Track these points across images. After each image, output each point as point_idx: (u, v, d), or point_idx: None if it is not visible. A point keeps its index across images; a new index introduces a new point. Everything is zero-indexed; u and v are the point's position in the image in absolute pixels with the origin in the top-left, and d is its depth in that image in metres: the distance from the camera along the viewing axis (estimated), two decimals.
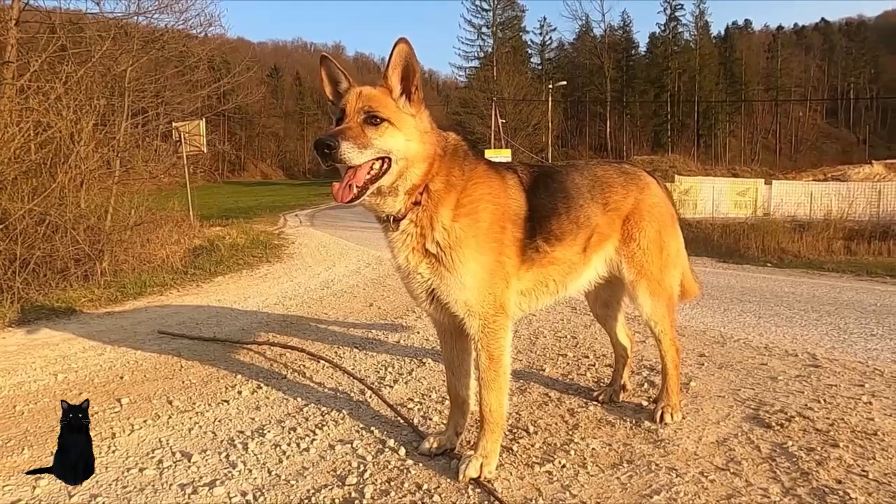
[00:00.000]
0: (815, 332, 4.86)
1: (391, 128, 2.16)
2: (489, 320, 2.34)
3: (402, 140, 2.18)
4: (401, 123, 2.20)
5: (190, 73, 14.40)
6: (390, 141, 2.16)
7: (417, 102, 2.27)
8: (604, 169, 2.81)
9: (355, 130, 2.13)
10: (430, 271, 2.32)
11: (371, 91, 2.24)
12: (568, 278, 2.64)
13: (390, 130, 2.16)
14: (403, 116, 2.22)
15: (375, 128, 2.15)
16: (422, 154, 2.24)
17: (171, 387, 3.74)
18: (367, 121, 2.16)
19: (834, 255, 12.80)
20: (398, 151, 2.18)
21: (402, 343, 4.73)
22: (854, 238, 14.69)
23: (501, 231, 2.35)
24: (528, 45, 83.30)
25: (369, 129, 2.14)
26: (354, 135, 2.11)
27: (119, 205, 10.07)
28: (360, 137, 2.11)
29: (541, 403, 3.22)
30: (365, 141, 2.11)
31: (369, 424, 2.99)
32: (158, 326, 5.49)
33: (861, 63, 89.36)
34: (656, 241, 2.79)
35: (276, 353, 4.44)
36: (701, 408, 3.07)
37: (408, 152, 2.20)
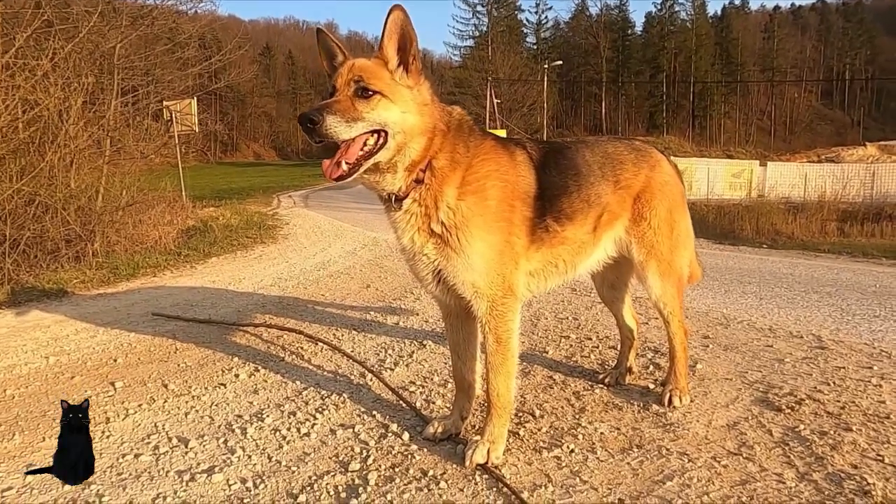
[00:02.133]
0: (819, 313, 4.81)
1: (384, 100, 2.06)
2: (497, 302, 2.25)
3: (397, 112, 2.07)
4: (395, 95, 2.08)
5: (180, 51, 14.09)
6: (384, 114, 2.06)
7: (416, 73, 2.15)
8: (614, 146, 2.71)
9: (344, 104, 2.03)
10: (437, 252, 2.22)
11: (364, 62, 2.12)
12: (577, 258, 2.55)
13: (384, 103, 2.05)
14: (399, 88, 2.11)
15: (367, 100, 2.04)
16: (420, 127, 2.13)
17: (167, 370, 3.65)
18: (357, 93, 2.05)
19: (828, 236, 12.81)
20: (394, 125, 2.07)
21: (402, 325, 4.65)
22: (847, 220, 14.70)
23: (510, 210, 2.26)
24: (524, 24, 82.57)
25: (360, 101, 2.04)
26: (342, 108, 2.01)
27: (110, 185, 9.89)
28: (349, 111, 2.01)
29: (545, 386, 3.16)
30: (354, 114, 2.01)
31: (371, 408, 2.92)
32: (152, 308, 5.39)
33: (857, 44, 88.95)
34: (667, 220, 2.71)
35: (273, 335, 4.36)
36: (709, 391, 3.02)
37: (404, 125, 2.09)
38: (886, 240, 12.23)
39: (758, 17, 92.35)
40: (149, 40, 13.19)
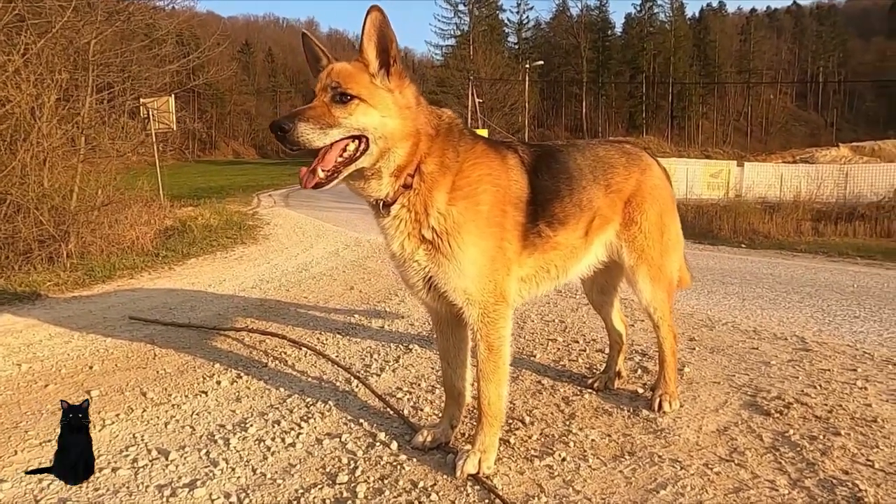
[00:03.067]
0: (801, 314, 4.86)
1: (362, 105, 2.00)
2: (489, 309, 2.21)
3: (376, 117, 2.02)
4: (375, 100, 2.03)
5: (157, 48, 13.80)
6: (362, 119, 2.00)
7: (397, 76, 2.09)
8: (605, 149, 2.68)
9: (318, 110, 1.98)
10: (427, 258, 2.17)
11: (342, 67, 2.07)
12: (569, 263, 2.52)
13: (362, 108, 2.00)
14: (378, 92, 2.05)
15: (344, 106, 1.99)
16: (402, 132, 2.08)
17: (145, 377, 3.55)
18: (335, 99, 2.00)
19: (802, 235, 13.01)
20: (374, 130, 2.01)
21: (387, 328, 4.59)
22: (821, 219, 14.94)
23: (502, 215, 2.21)
24: (505, 24, 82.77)
25: (337, 107, 1.99)
26: (316, 114, 1.96)
27: (85, 184, 9.63)
28: (325, 117, 1.96)
29: (534, 392, 3.13)
30: (330, 120, 1.96)
31: (357, 416, 2.86)
32: (129, 312, 5.25)
33: (830, 47, 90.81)
34: (657, 224, 2.69)
35: (255, 339, 4.26)
36: (698, 395, 3.01)
37: (385, 130, 2.03)
38: (859, 239, 12.50)
39: (735, 20, 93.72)
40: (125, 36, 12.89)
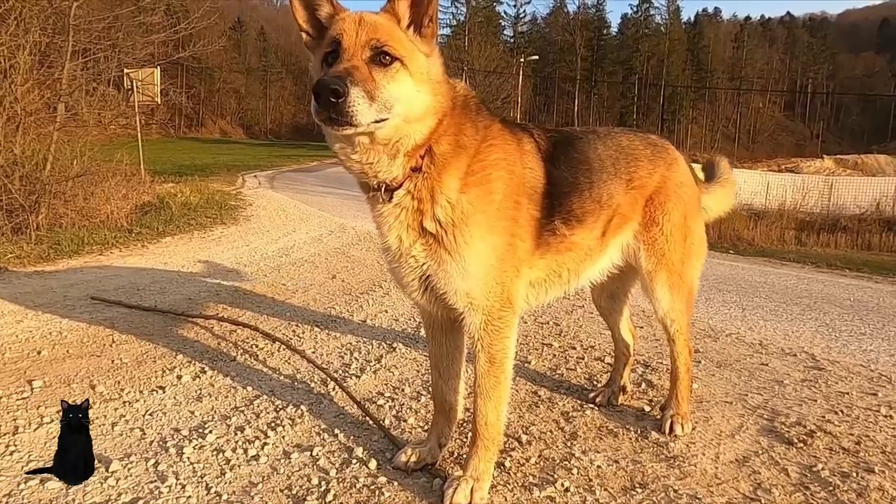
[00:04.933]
0: (805, 328, 4.63)
1: (402, 71, 1.63)
2: (494, 315, 1.89)
3: (411, 89, 1.65)
4: (414, 65, 1.66)
5: (144, 16, 13.23)
6: (399, 89, 1.63)
7: (430, 38, 1.72)
8: (629, 138, 2.37)
9: (363, 72, 1.57)
10: (427, 254, 1.84)
11: (376, 19, 1.68)
12: (582, 267, 2.21)
13: (402, 74, 1.63)
14: (417, 55, 1.68)
15: (385, 70, 1.61)
16: (433, 107, 1.72)
17: (98, 367, 3.18)
18: (374, 59, 1.61)
19: (785, 244, 12.94)
20: (406, 105, 1.66)
21: (369, 323, 4.26)
22: (805, 229, 14.98)
23: (516, 207, 1.89)
24: (502, 17, 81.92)
25: (378, 71, 1.60)
26: (363, 77, 1.56)
27: (60, 153, 9.12)
28: (368, 82, 1.56)
29: (530, 404, 2.83)
30: (372, 88, 1.56)
31: (332, 425, 2.53)
32: (92, 291, 4.85)
33: (821, 59, 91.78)
34: (681, 226, 2.39)
35: (225, 329, 3.91)
36: (710, 416, 2.73)
37: (413, 107, 1.67)
38: (840, 250, 12.45)
39: (729, 27, 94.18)
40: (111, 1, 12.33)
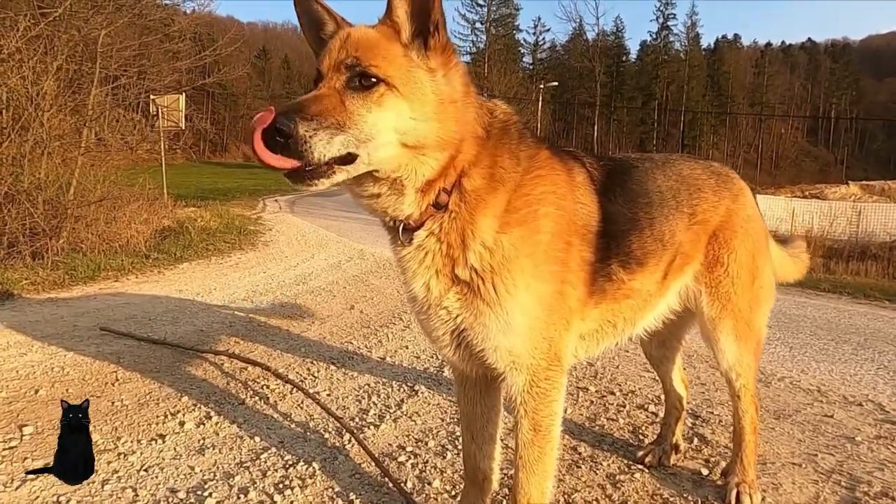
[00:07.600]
0: (864, 371, 4.23)
1: (390, 93, 1.35)
2: (540, 376, 1.60)
3: (404, 117, 1.36)
4: (408, 87, 1.37)
5: (171, 42, 13.44)
6: (382, 116, 1.35)
7: (441, 50, 1.43)
8: (690, 166, 2.08)
9: (328, 101, 1.33)
10: (461, 305, 1.55)
11: (363, 33, 1.42)
12: (639, 315, 1.91)
13: (389, 98, 1.35)
14: (414, 74, 1.39)
15: (364, 94, 1.35)
16: (443, 136, 1.42)
17: (97, 410, 2.93)
18: (351, 83, 1.36)
19: (813, 272, 12.44)
20: (401, 135, 1.38)
21: (389, 360, 3.98)
22: (832, 256, 14.54)
23: (566, 249, 1.60)
24: (521, 44, 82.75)
25: (353, 96, 1.35)
26: (324, 108, 1.32)
27: (84, 178, 9.10)
28: (335, 112, 1.32)
29: (570, 464, 2.50)
30: (341, 118, 1.32)
31: (347, 488, 2.24)
32: (104, 320, 4.66)
33: (843, 85, 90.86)
34: (749, 267, 2.08)
35: (235, 366, 3.66)
36: (779, 482, 2.39)
37: (409, 135, 1.38)
38: (871, 279, 11.91)
39: (749, 53, 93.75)
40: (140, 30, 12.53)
